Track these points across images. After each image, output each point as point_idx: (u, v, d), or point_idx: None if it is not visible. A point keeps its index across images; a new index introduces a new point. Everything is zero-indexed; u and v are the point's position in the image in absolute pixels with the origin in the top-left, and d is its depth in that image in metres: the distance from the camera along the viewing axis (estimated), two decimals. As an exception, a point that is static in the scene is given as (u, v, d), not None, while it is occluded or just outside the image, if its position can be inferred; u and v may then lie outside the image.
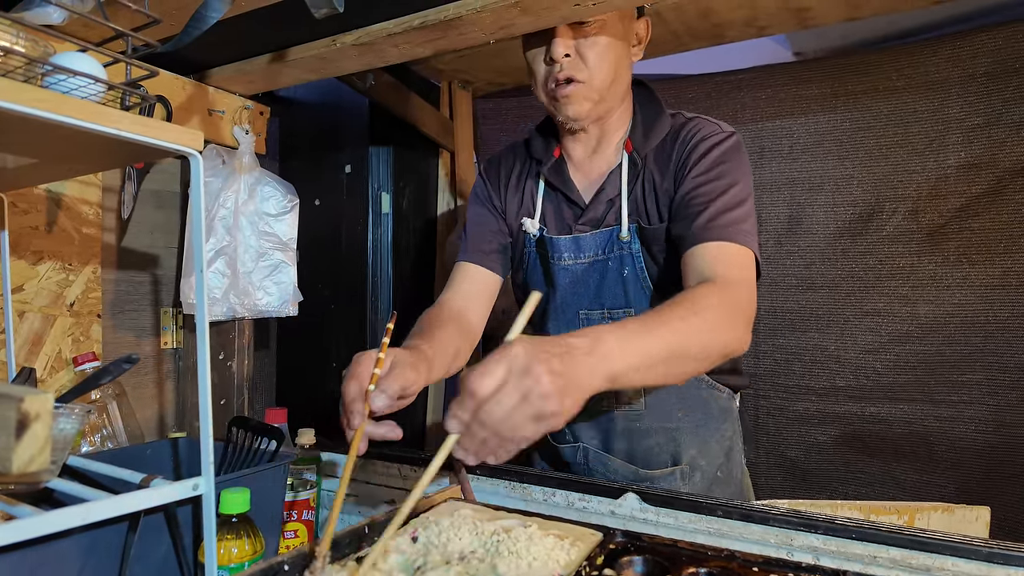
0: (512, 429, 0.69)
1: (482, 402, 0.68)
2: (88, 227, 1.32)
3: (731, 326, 0.90)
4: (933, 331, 1.77)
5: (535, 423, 0.69)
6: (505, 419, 0.68)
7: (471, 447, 0.72)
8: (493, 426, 0.69)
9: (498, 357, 0.69)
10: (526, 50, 1.13)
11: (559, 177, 1.21)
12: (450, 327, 1.13)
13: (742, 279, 0.98)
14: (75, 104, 0.64)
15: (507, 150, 1.34)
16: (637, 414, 1.18)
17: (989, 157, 1.69)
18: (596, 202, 1.17)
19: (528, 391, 0.67)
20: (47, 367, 1.25)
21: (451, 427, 0.71)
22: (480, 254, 1.24)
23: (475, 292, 1.23)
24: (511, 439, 0.70)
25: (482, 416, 0.69)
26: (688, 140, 1.12)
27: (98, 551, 0.79)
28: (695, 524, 0.93)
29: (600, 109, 1.12)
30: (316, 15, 0.86)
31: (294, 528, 1.14)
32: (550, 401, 0.68)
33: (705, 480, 1.20)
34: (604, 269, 1.15)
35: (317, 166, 1.96)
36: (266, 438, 1.08)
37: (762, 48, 1.99)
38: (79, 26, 1.04)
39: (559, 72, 1.07)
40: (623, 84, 1.14)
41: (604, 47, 1.06)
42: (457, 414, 0.70)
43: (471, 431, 0.70)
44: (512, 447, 0.71)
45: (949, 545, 0.79)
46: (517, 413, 0.68)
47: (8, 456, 0.50)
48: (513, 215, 1.26)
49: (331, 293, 1.95)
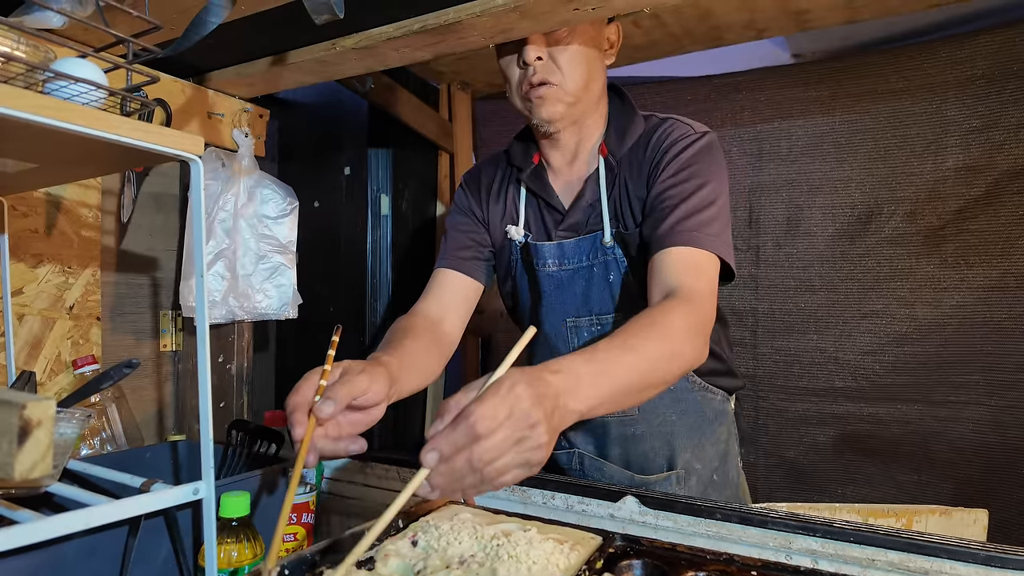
0: (497, 472, 0.66)
1: (478, 439, 0.64)
2: (87, 230, 1.32)
3: (693, 345, 0.90)
4: (931, 333, 1.77)
5: (520, 469, 0.67)
6: (494, 461, 0.65)
7: (443, 483, 0.67)
8: (480, 467, 0.65)
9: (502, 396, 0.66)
10: (500, 57, 1.13)
11: (539, 183, 1.20)
12: (423, 338, 1.08)
13: (704, 289, 0.98)
14: (77, 110, 0.64)
15: (487, 161, 1.34)
16: (631, 419, 1.18)
17: (987, 159, 1.70)
18: (576, 208, 1.17)
19: (524, 439, 0.66)
20: (47, 370, 1.25)
21: (428, 460, 0.66)
22: (457, 259, 1.22)
23: (452, 300, 1.19)
24: (490, 481, 0.66)
25: (473, 455, 0.64)
26: (661, 142, 1.11)
27: (98, 555, 0.79)
28: (694, 527, 0.94)
29: (574, 112, 1.12)
30: (317, 21, 0.86)
31: (293, 531, 1.14)
32: (541, 451, 0.66)
33: (701, 484, 1.20)
34: (590, 275, 1.15)
35: (316, 168, 1.96)
36: (265, 441, 1.09)
37: (761, 50, 1.99)
38: (79, 30, 1.04)
39: (532, 75, 1.07)
40: (596, 88, 1.14)
41: (575, 52, 1.07)
42: (440, 447, 0.66)
43: (452, 465, 0.66)
44: (486, 488, 0.67)
45: (947, 548, 0.79)
46: (508, 458, 0.66)
47: (10, 462, 0.50)
48: (497, 223, 1.25)
49: (330, 295, 1.95)
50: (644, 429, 1.19)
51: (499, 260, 1.27)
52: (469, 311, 1.22)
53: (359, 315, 1.93)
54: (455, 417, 0.67)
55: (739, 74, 1.98)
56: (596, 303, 1.16)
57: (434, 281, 1.22)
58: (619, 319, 1.14)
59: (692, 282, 0.97)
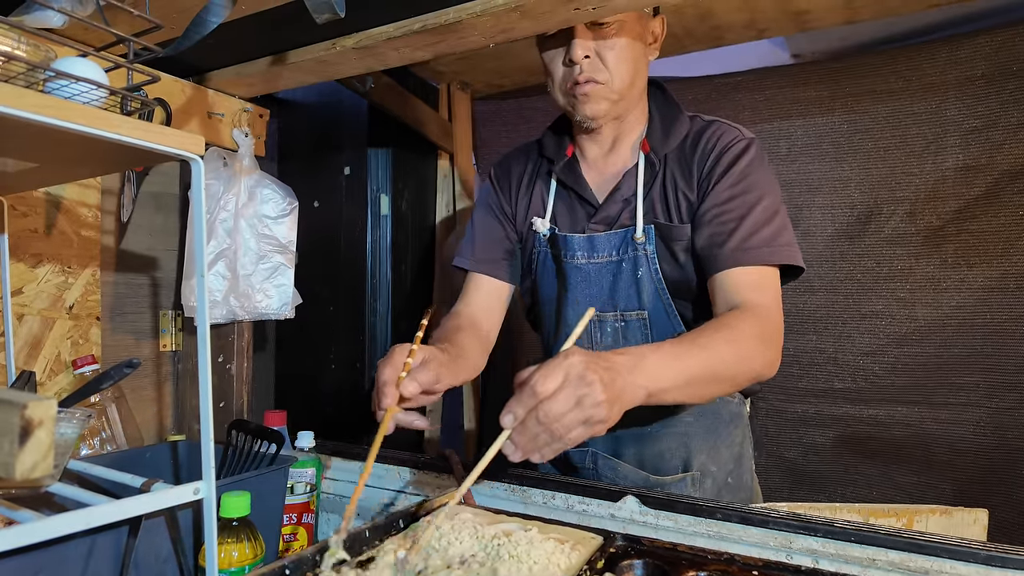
0: (564, 428, 0.74)
1: (542, 400, 0.74)
2: (87, 230, 1.32)
3: (762, 352, 0.95)
4: (931, 333, 1.77)
5: (584, 427, 0.75)
6: (559, 418, 0.73)
7: (521, 442, 0.76)
8: (548, 423, 0.74)
9: (558, 362, 0.75)
10: (542, 51, 1.13)
11: (572, 176, 1.21)
12: (469, 336, 1.17)
13: (771, 304, 1.02)
14: (78, 110, 0.64)
15: (517, 151, 1.34)
16: (647, 419, 1.18)
17: (987, 159, 1.70)
18: (610, 202, 1.17)
19: (583, 396, 0.73)
20: (46, 370, 1.25)
21: (506, 422, 0.76)
22: (489, 264, 1.26)
23: (487, 303, 1.26)
24: (560, 438, 0.75)
25: (540, 413, 0.74)
26: (711, 149, 1.12)
27: (98, 555, 0.79)
28: (694, 527, 0.94)
29: (618, 109, 1.12)
30: (318, 20, 0.86)
31: (293, 531, 1.14)
32: (601, 408, 0.74)
33: (716, 486, 1.19)
34: (618, 270, 1.15)
35: (316, 168, 1.96)
36: (265, 441, 1.09)
37: (761, 50, 2.00)
38: (79, 30, 1.03)
39: (579, 74, 1.07)
40: (640, 84, 1.15)
41: (623, 48, 1.07)
42: (514, 409, 0.76)
43: (525, 426, 0.75)
44: (559, 446, 0.75)
45: (948, 548, 0.79)
46: (571, 415, 0.74)
47: (11, 462, 0.50)
48: (523, 216, 1.26)
49: (330, 295, 1.95)
50: (659, 430, 1.19)
51: (522, 253, 1.28)
52: (503, 312, 1.30)
53: (358, 315, 1.93)
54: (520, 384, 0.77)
55: (739, 74, 1.98)
56: (622, 298, 1.16)
57: (469, 285, 1.28)
58: (643, 317, 1.16)
59: (758, 297, 1.01)
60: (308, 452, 1.19)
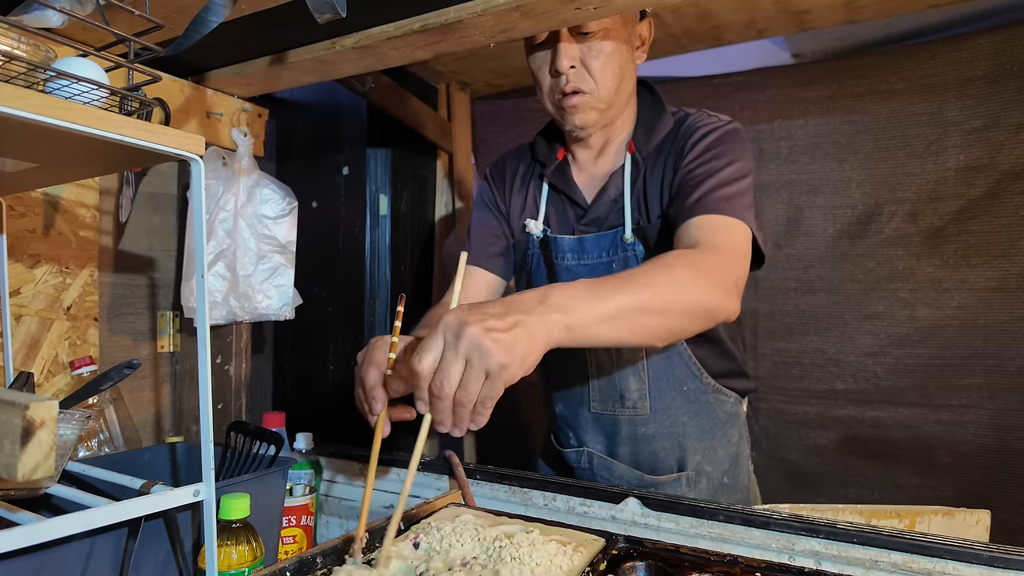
0: (468, 393, 0.70)
1: (427, 378, 0.70)
2: (85, 230, 1.32)
3: (705, 285, 0.87)
4: (932, 334, 1.77)
5: (489, 381, 0.70)
6: (455, 386, 0.70)
7: (444, 419, 0.73)
8: (448, 397, 0.70)
9: (431, 331, 0.72)
10: (529, 54, 1.13)
11: (562, 179, 1.21)
12: None
13: (727, 245, 0.95)
14: (79, 110, 0.63)
15: (512, 153, 1.34)
16: (642, 418, 1.18)
17: (988, 160, 1.70)
18: (598, 203, 1.17)
19: (468, 353, 0.69)
20: (44, 371, 1.24)
21: (419, 408, 0.74)
22: (482, 257, 1.26)
23: (477, 294, 1.24)
24: (470, 401, 0.70)
25: (434, 391, 0.70)
26: (688, 132, 1.12)
27: (97, 557, 0.79)
28: (696, 529, 0.93)
29: (606, 117, 1.12)
30: (320, 20, 0.86)
31: (292, 533, 1.14)
32: (494, 356, 0.68)
33: (711, 486, 1.19)
34: (608, 271, 1.15)
35: (314, 168, 1.95)
36: (264, 443, 1.08)
37: (761, 50, 1.99)
38: (78, 29, 1.03)
39: (565, 84, 1.07)
40: (628, 89, 1.14)
41: (608, 55, 1.06)
42: (417, 395, 0.73)
43: (435, 407, 0.72)
44: (481, 408, 0.72)
45: (950, 549, 0.79)
46: (466, 377, 0.69)
47: (13, 463, 0.50)
48: (517, 217, 1.27)
49: (328, 295, 1.94)
50: (655, 429, 1.18)
51: (516, 252, 1.28)
52: None
53: (357, 315, 1.93)
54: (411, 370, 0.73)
55: (739, 74, 1.97)
56: None
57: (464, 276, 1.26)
58: None
59: (714, 238, 0.95)
60: (307, 454, 1.19)
